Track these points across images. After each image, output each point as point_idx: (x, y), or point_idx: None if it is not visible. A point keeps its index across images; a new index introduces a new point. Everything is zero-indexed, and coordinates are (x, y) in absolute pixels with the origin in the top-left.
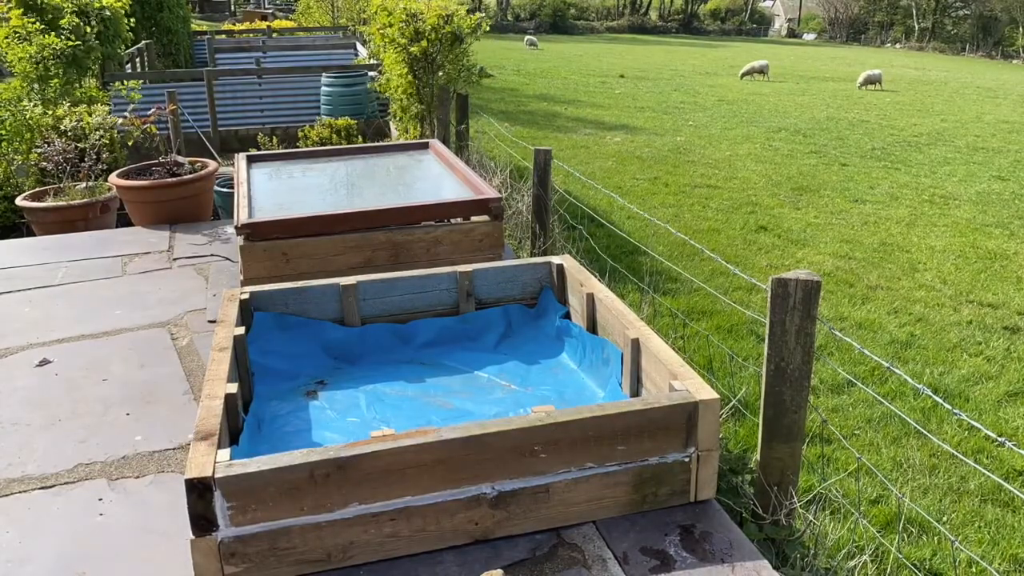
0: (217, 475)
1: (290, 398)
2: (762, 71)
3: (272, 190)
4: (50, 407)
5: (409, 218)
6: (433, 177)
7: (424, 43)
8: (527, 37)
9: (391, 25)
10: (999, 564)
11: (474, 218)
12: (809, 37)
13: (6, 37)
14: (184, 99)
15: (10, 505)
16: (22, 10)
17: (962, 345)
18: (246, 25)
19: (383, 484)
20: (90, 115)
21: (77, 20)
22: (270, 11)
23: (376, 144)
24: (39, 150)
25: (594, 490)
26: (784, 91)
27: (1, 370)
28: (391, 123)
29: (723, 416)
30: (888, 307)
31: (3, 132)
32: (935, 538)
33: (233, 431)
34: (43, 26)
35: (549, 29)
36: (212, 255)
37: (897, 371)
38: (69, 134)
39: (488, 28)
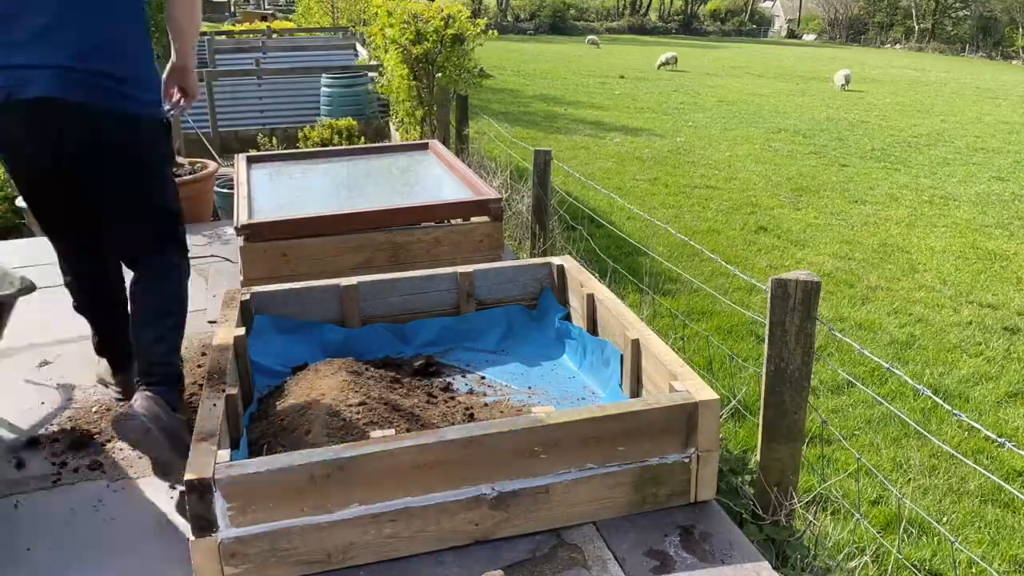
0: (217, 476)
1: None
2: (671, 62)
3: (272, 191)
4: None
5: (409, 219)
6: (433, 178)
7: (426, 44)
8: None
9: (392, 26)
10: (999, 564)
11: (474, 219)
12: (809, 38)
13: None
14: None
15: (11, 504)
16: None
17: (962, 346)
18: (246, 26)
19: (383, 484)
20: None
21: None
22: (270, 12)
23: (376, 145)
24: None
25: (594, 491)
26: (784, 92)
27: (1, 371)
28: (391, 124)
29: (723, 417)
30: (888, 308)
31: None
32: (935, 539)
33: (233, 432)
34: None
35: (549, 30)
36: (212, 256)
37: (897, 372)
38: None
39: (495, 35)
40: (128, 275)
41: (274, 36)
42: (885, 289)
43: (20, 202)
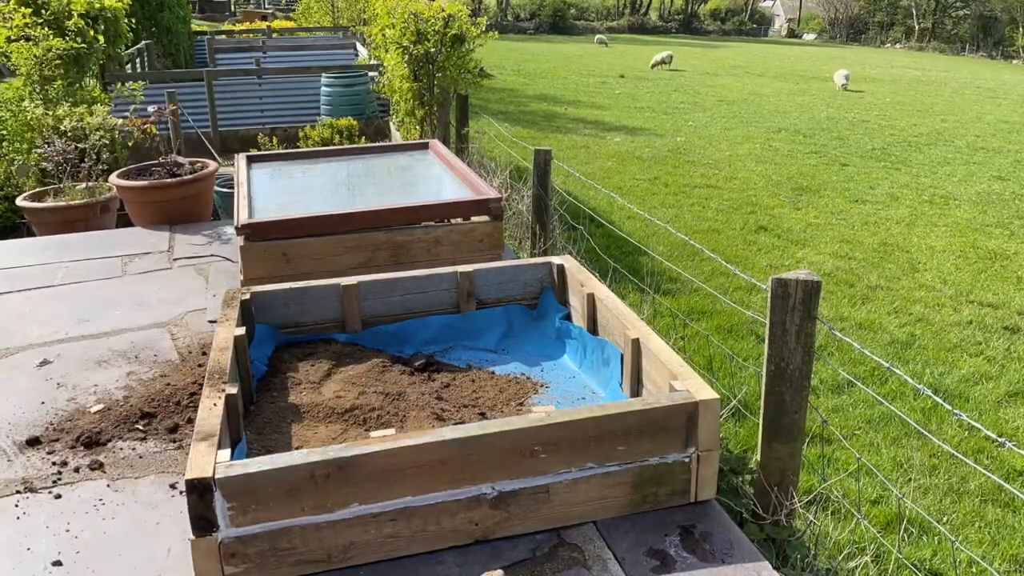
0: (217, 475)
1: None
2: (667, 61)
3: (272, 190)
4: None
5: (409, 218)
6: (433, 177)
7: (427, 44)
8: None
9: (393, 26)
10: (999, 564)
11: (474, 218)
12: (809, 37)
13: (8, 39)
14: (184, 99)
15: (12, 504)
16: (31, 9)
17: (962, 345)
18: (246, 25)
19: (383, 484)
20: (91, 115)
21: (82, 23)
22: (270, 11)
23: (376, 144)
24: (39, 150)
25: (594, 490)
26: (784, 91)
27: (1, 370)
28: (391, 123)
29: (723, 416)
30: (888, 307)
31: (4, 132)
32: (935, 538)
33: (233, 432)
34: (49, 28)
35: (549, 29)
36: (212, 255)
37: (897, 371)
38: (69, 134)
39: (495, 36)
40: None
41: (274, 36)
42: (885, 288)
43: (20, 202)
